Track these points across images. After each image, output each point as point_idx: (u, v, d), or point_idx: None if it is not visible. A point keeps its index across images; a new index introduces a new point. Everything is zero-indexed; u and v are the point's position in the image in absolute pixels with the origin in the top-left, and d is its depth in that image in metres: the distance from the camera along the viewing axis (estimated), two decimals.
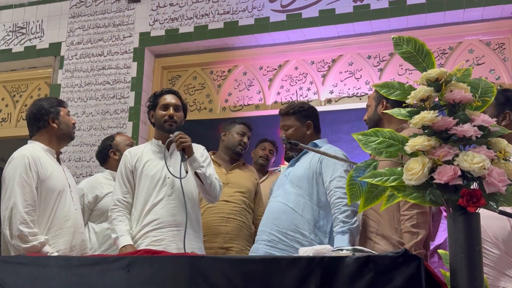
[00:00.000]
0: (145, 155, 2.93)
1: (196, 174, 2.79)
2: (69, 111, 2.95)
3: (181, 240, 2.68)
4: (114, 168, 3.38)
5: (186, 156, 2.76)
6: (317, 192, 2.68)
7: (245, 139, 3.53)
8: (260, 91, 4.64)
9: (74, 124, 2.94)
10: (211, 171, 2.90)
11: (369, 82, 4.37)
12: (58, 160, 2.88)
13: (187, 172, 2.73)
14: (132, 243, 2.72)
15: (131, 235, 2.77)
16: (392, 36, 1.49)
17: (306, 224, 2.63)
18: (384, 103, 2.58)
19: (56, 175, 2.76)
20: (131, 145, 3.44)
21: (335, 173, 2.64)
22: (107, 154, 3.44)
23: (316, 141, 2.85)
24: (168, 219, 2.76)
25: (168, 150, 2.93)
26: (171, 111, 2.90)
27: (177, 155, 2.83)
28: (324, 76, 4.51)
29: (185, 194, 2.80)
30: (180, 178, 2.73)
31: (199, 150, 2.95)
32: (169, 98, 2.95)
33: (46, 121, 2.82)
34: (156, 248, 2.63)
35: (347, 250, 1.61)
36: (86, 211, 3.21)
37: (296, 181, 2.73)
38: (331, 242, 2.56)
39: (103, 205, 3.20)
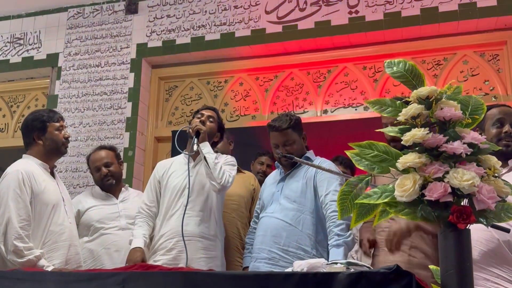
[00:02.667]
0: (172, 167, 3.07)
1: (205, 159, 2.87)
2: (61, 125, 2.87)
3: (192, 250, 2.79)
4: (98, 184, 3.38)
5: (198, 140, 2.91)
6: (315, 207, 2.68)
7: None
8: (256, 102, 4.66)
9: (67, 138, 2.88)
10: (226, 166, 2.95)
11: (364, 93, 4.40)
12: (53, 173, 2.89)
13: (195, 152, 2.88)
14: (142, 246, 2.85)
15: (146, 238, 2.91)
16: (385, 61, 1.52)
17: (308, 239, 2.63)
18: None
19: (50, 189, 2.76)
20: (98, 170, 3.33)
21: (330, 187, 2.65)
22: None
23: (307, 155, 2.84)
24: (180, 229, 2.80)
25: (194, 160, 3.03)
26: (203, 118, 3.03)
27: (203, 165, 2.93)
28: (320, 86, 4.53)
29: (200, 203, 2.92)
30: (189, 154, 2.91)
31: (223, 157, 3.06)
32: (205, 111, 3.11)
33: (32, 138, 2.83)
34: (166, 259, 2.79)
35: (341, 263, 1.63)
36: None
37: (293, 196, 2.72)
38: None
39: (83, 220, 3.21)
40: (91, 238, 3.18)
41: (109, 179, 3.30)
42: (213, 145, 3.05)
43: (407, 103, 1.49)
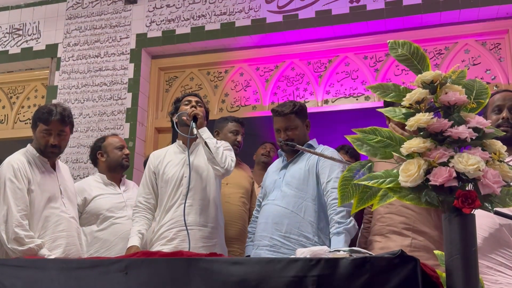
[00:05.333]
0: (167, 157, 3.03)
1: (206, 144, 2.84)
2: (46, 130, 2.77)
3: (193, 239, 2.76)
4: (103, 170, 3.38)
5: (196, 125, 2.87)
6: (318, 193, 2.67)
7: (239, 138, 3.44)
8: (257, 92, 4.65)
9: (52, 144, 2.77)
10: (226, 150, 2.92)
11: (365, 82, 4.38)
12: (54, 165, 2.87)
13: (195, 134, 2.84)
14: (138, 245, 2.82)
15: (142, 235, 2.88)
16: (388, 41, 1.50)
17: (309, 226, 2.62)
18: None
19: (45, 181, 2.76)
20: (121, 148, 3.38)
21: (332, 174, 2.64)
22: (96, 156, 3.42)
23: (310, 142, 2.83)
24: (181, 218, 2.80)
25: (189, 148, 3.00)
26: (193, 103, 3.01)
27: (199, 153, 2.93)
28: (320, 76, 4.52)
29: (199, 192, 2.88)
30: (189, 137, 2.87)
31: (219, 142, 3.03)
32: (191, 97, 3.09)
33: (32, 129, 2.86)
34: (168, 248, 2.76)
35: (344, 251, 1.62)
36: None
37: (295, 183, 2.70)
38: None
39: (91, 208, 3.20)
40: (101, 227, 3.17)
41: (127, 159, 3.39)
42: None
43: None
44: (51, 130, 2.78)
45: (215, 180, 2.96)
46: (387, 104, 2.76)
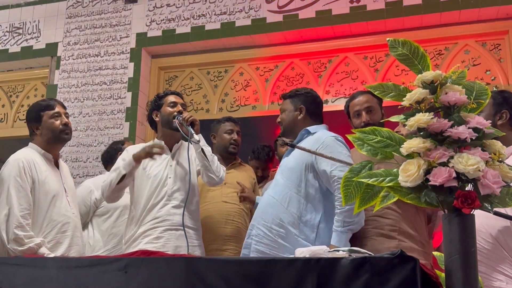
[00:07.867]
0: None
1: (202, 151, 2.82)
2: (56, 113, 2.84)
3: (179, 239, 2.75)
4: None
5: (194, 131, 2.81)
6: (305, 185, 2.53)
7: (235, 136, 3.42)
8: (256, 92, 4.65)
9: (65, 124, 2.84)
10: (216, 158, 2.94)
11: (365, 82, 4.38)
12: (57, 163, 2.88)
13: (198, 141, 2.78)
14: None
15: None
16: (387, 39, 1.50)
17: (291, 217, 2.49)
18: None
19: (51, 179, 2.76)
20: None
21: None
22: (114, 156, 3.44)
23: (308, 128, 2.71)
24: (166, 218, 2.80)
25: (171, 151, 2.99)
26: (180, 107, 2.96)
27: (181, 154, 2.92)
28: (320, 76, 4.52)
29: (182, 194, 2.86)
30: (189, 142, 2.81)
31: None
32: (176, 98, 3.03)
33: (31, 129, 2.86)
34: (154, 246, 2.72)
35: (343, 251, 1.62)
36: (92, 207, 3.26)
37: (286, 172, 2.61)
38: (318, 237, 2.45)
39: (107, 203, 3.23)
40: (118, 222, 3.24)
41: None
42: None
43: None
44: (60, 112, 2.86)
45: (197, 183, 2.99)
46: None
